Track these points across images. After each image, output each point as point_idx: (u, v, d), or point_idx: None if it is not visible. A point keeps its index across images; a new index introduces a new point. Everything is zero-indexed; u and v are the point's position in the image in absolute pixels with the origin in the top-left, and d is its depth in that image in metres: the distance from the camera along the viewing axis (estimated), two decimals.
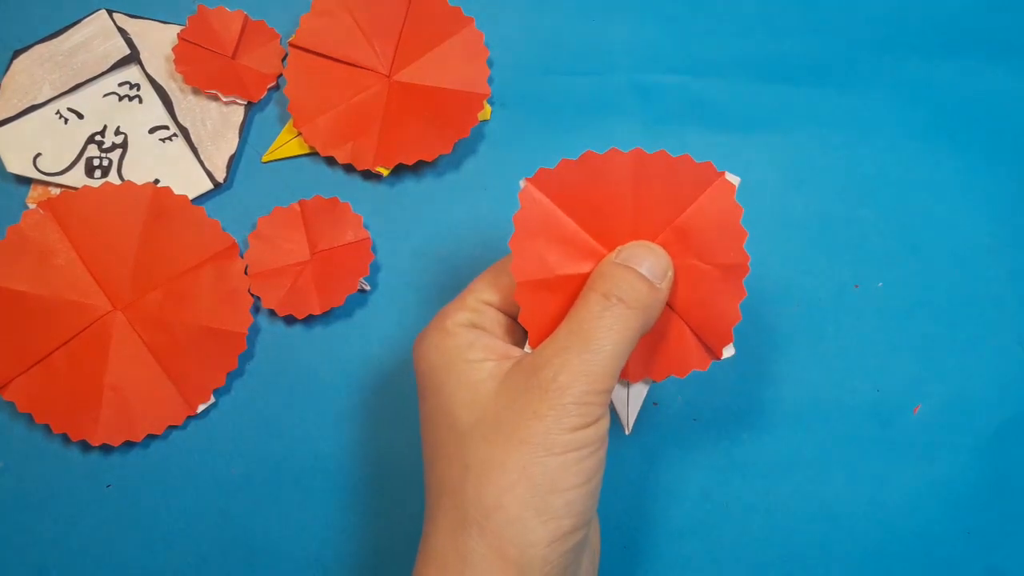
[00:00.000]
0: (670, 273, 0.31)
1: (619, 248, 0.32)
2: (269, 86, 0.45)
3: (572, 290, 0.31)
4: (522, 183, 0.32)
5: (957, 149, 0.45)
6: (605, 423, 0.30)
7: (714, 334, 0.32)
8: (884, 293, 0.43)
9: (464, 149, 0.45)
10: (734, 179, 0.31)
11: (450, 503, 0.29)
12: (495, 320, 0.33)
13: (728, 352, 0.32)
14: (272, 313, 0.42)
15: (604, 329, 0.29)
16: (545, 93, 0.45)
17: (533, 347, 0.31)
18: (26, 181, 0.44)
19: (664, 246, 0.32)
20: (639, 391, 0.34)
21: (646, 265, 0.31)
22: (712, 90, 0.45)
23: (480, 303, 0.32)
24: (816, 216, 0.44)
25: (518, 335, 0.33)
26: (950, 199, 0.44)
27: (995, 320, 0.42)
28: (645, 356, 0.33)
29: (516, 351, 0.31)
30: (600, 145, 0.44)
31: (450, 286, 0.43)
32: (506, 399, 0.29)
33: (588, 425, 0.29)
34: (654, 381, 0.33)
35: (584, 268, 0.32)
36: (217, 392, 0.41)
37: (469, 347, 0.31)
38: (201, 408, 0.41)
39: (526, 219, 0.31)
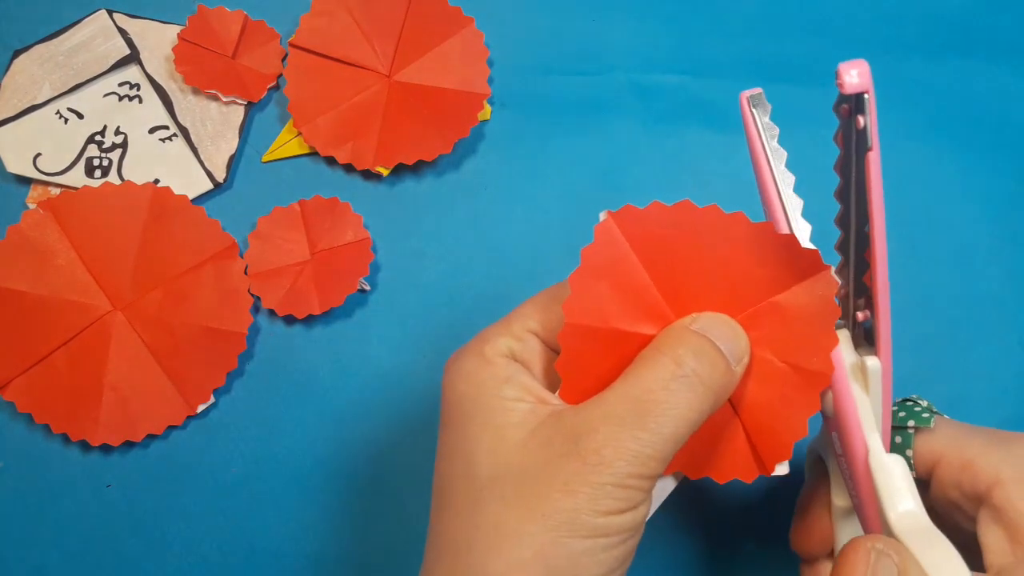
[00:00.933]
0: (745, 359, 0.27)
1: (694, 315, 0.27)
2: (269, 86, 0.45)
3: (624, 351, 0.27)
4: (603, 215, 0.27)
5: (957, 149, 0.45)
6: (645, 510, 0.26)
7: (770, 445, 0.28)
8: None
9: (464, 149, 0.45)
10: (837, 278, 0.27)
11: (451, 564, 0.25)
12: (537, 353, 0.29)
13: (781, 470, 0.28)
14: (272, 313, 0.42)
15: (670, 404, 0.25)
16: (545, 93, 0.45)
17: (563, 400, 0.28)
18: (26, 181, 0.44)
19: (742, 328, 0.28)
20: (666, 485, 0.29)
21: (724, 341, 0.26)
22: (712, 90, 0.45)
23: (525, 332, 0.29)
24: (816, 216, 0.44)
25: (556, 377, 0.29)
26: (950, 199, 0.44)
27: (995, 320, 0.42)
28: (687, 446, 0.28)
29: (555, 398, 0.27)
30: (600, 145, 0.45)
31: (450, 286, 0.43)
32: (535, 458, 0.25)
33: (625, 511, 0.25)
34: (687, 479, 0.29)
35: (645, 329, 0.27)
36: (217, 392, 0.41)
37: (506, 382, 0.27)
38: (201, 408, 0.41)
39: (595, 256, 0.27)
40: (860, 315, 0.27)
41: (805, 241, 0.27)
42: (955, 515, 0.29)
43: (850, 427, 0.28)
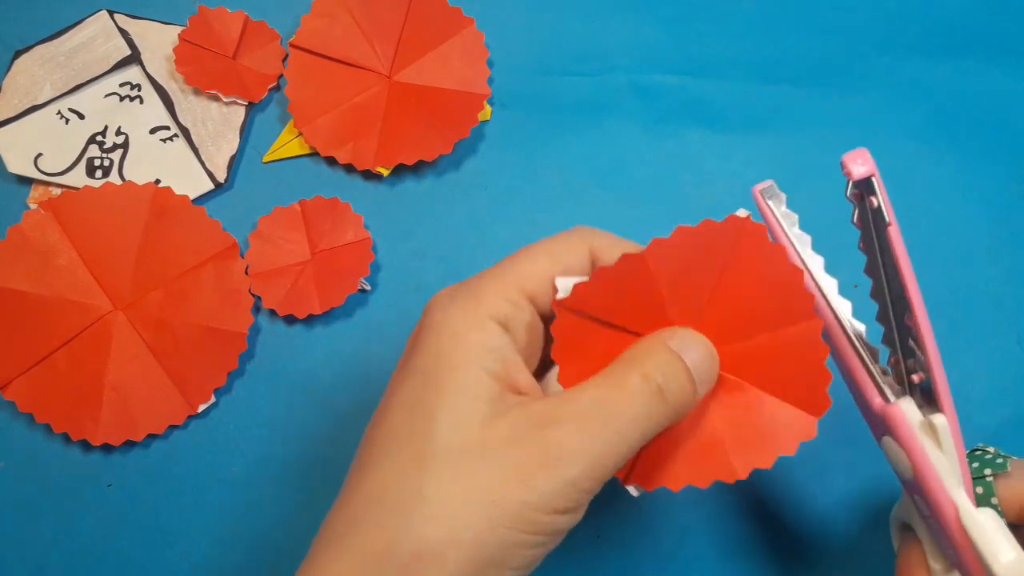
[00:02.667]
0: (711, 383, 0.28)
1: (673, 330, 0.28)
2: (270, 86, 0.45)
3: (617, 349, 0.28)
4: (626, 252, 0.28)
5: (957, 149, 0.45)
6: (581, 516, 0.26)
7: (751, 455, 0.28)
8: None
9: (464, 149, 0.45)
10: (824, 341, 0.28)
11: (380, 522, 0.25)
12: (524, 322, 0.28)
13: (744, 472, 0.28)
14: (272, 313, 0.42)
15: (632, 416, 0.25)
16: (545, 93, 0.45)
17: (561, 384, 0.28)
18: (27, 181, 0.44)
19: (716, 324, 0.28)
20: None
21: (696, 363, 0.27)
22: (712, 90, 0.45)
23: (522, 296, 0.28)
24: (816, 216, 0.44)
25: (537, 345, 0.29)
26: (950, 199, 0.44)
27: (995, 320, 0.42)
28: (648, 454, 0.28)
29: (524, 381, 0.27)
30: (600, 145, 0.45)
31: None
32: (498, 439, 0.25)
33: (568, 512, 0.25)
34: (645, 490, 0.29)
35: (639, 329, 0.28)
36: (218, 392, 0.42)
37: (491, 352, 0.26)
38: (202, 408, 0.41)
39: (624, 269, 0.27)
40: (916, 377, 0.28)
41: (816, 286, 0.29)
42: None
43: (934, 490, 0.28)
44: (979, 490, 0.29)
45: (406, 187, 0.44)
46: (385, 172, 0.44)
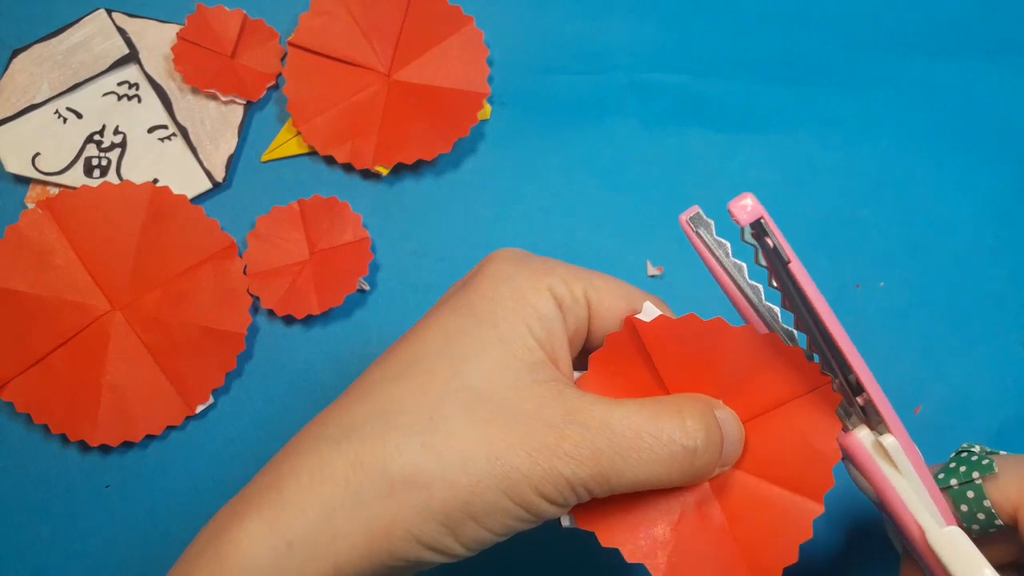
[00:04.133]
0: (729, 466, 0.28)
1: (721, 403, 0.28)
2: (268, 85, 0.45)
3: (644, 387, 0.28)
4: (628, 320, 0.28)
5: (958, 149, 0.45)
6: (563, 512, 0.26)
7: (763, 568, 0.27)
8: (885, 293, 0.43)
9: (464, 149, 0.45)
10: (837, 392, 0.28)
11: (378, 438, 0.25)
12: (576, 316, 0.28)
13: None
14: (271, 313, 0.42)
15: (655, 459, 0.25)
16: (545, 92, 0.45)
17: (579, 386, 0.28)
18: (25, 181, 0.44)
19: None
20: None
21: (729, 443, 0.27)
22: (712, 90, 0.45)
23: (584, 297, 0.28)
24: (817, 216, 0.44)
25: (575, 348, 0.29)
26: (951, 199, 0.44)
27: (996, 320, 0.42)
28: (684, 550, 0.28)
29: (563, 362, 0.27)
30: (600, 145, 0.45)
31: (449, 286, 0.43)
32: (522, 406, 0.25)
33: (554, 504, 0.25)
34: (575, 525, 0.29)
35: (670, 386, 0.29)
36: (216, 392, 0.41)
37: (540, 320, 0.26)
38: (200, 408, 0.41)
39: (678, 328, 0.28)
40: (860, 399, 0.28)
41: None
42: None
43: (899, 513, 0.28)
44: (970, 494, 0.29)
45: (405, 186, 0.44)
46: (384, 171, 0.43)
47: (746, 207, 0.25)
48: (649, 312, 0.29)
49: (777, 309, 0.28)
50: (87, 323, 0.41)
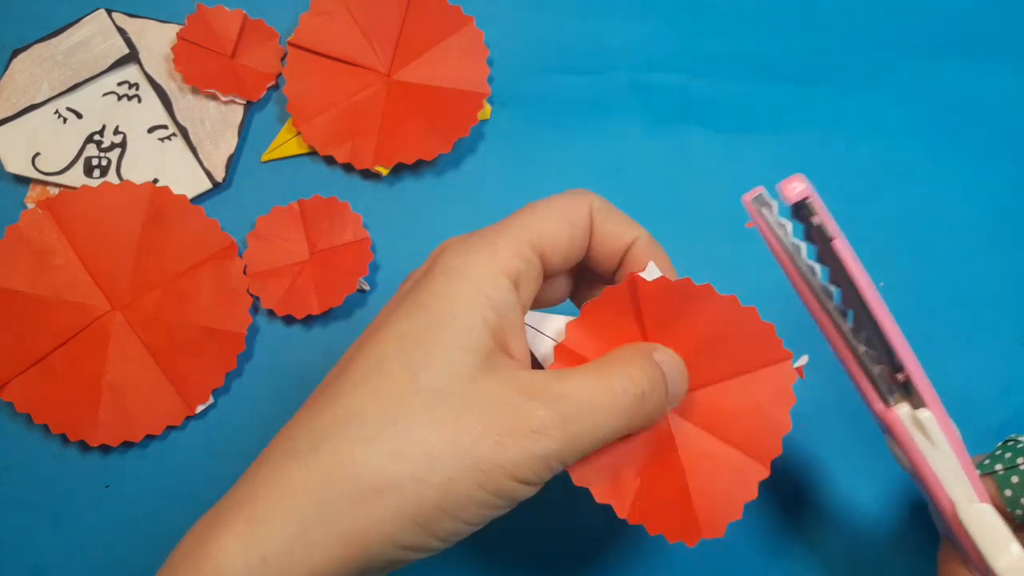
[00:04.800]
0: (677, 403, 0.29)
1: (656, 345, 0.29)
2: (268, 85, 0.45)
3: (632, 336, 0.30)
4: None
5: (958, 148, 0.45)
6: (536, 490, 0.27)
7: (707, 519, 0.29)
8: (885, 293, 0.43)
9: (464, 148, 0.45)
10: (796, 372, 0.29)
11: (345, 449, 0.25)
12: (532, 278, 0.29)
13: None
14: (271, 313, 0.42)
15: (613, 412, 0.27)
16: (545, 92, 0.45)
17: (568, 345, 0.30)
18: (25, 181, 0.44)
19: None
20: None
21: (673, 381, 0.29)
22: (712, 90, 0.45)
23: (535, 253, 0.29)
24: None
25: (533, 296, 0.30)
26: (951, 198, 0.44)
27: (995, 320, 0.42)
28: (639, 494, 0.30)
29: (516, 346, 0.28)
30: (600, 145, 0.45)
31: None
32: (482, 398, 0.26)
33: (529, 484, 0.26)
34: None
35: (632, 335, 0.30)
36: (216, 392, 0.41)
37: (495, 309, 0.27)
38: (200, 408, 0.41)
39: (608, 301, 0.29)
40: (900, 376, 0.29)
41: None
42: None
43: (933, 487, 0.29)
44: (1014, 479, 0.30)
45: (405, 186, 0.44)
46: (384, 171, 0.43)
47: (795, 188, 0.28)
48: (652, 272, 0.30)
49: (833, 289, 0.29)
50: (87, 323, 0.41)
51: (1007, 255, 0.43)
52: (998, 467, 0.30)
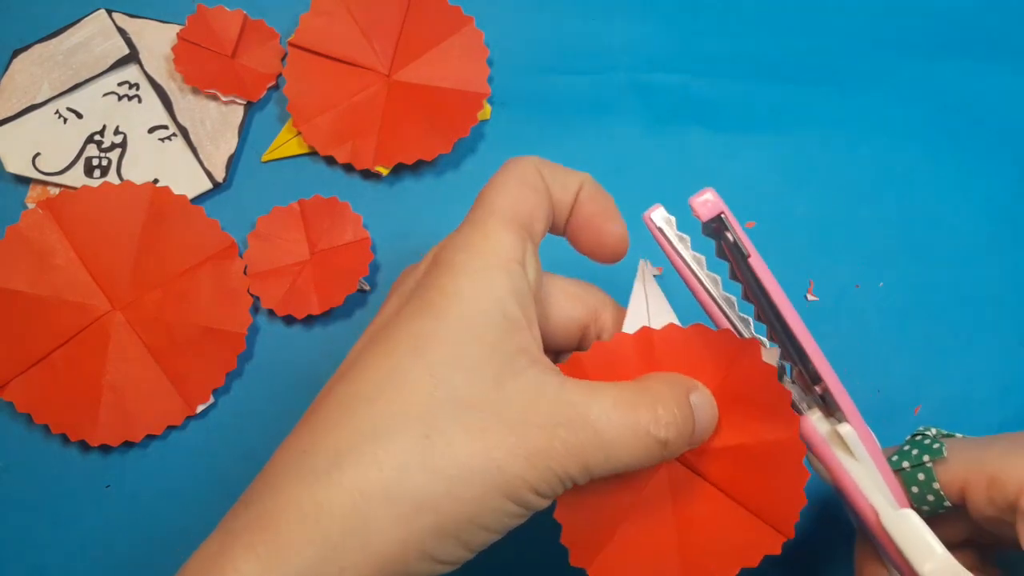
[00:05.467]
0: (696, 445, 0.29)
1: (698, 384, 0.29)
2: (268, 85, 0.45)
3: (632, 367, 0.29)
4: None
5: (958, 148, 0.45)
6: (545, 506, 0.27)
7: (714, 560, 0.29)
8: (885, 293, 0.43)
9: (464, 149, 0.45)
10: (774, 359, 0.29)
11: (375, 466, 0.24)
12: (532, 255, 0.28)
13: None
14: (271, 313, 0.42)
15: (631, 451, 0.26)
16: (545, 92, 0.45)
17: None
18: (25, 181, 0.44)
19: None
20: None
21: (703, 423, 0.28)
22: (712, 90, 0.45)
23: (527, 236, 0.28)
24: (816, 216, 0.44)
25: (537, 272, 0.29)
26: (951, 198, 0.44)
27: (995, 320, 0.42)
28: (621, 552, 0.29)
29: (534, 341, 0.27)
30: (600, 145, 0.45)
31: None
32: (511, 410, 0.25)
33: (544, 498, 0.26)
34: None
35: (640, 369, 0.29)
36: (216, 392, 0.41)
37: (511, 298, 0.26)
38: (200, 408, 0.41)
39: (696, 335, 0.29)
40: (818, 388, 0.29)
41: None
42: (1003, 530, 0.29)
43: (853, 496, 0.29)
44: (920, 476, 0.29)
45: (405, 186, 0.44)
46: (384, 171, 0.43)
47: (707, 203, 0.27)
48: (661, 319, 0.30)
49: (735, 299, 0.29)
50: (87, 323, 0.41)
51: (1007, 255, 0.43)
52: (905, 464, 0.30)
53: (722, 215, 0.27)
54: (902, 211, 0.44)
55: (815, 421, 0.29)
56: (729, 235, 0.27)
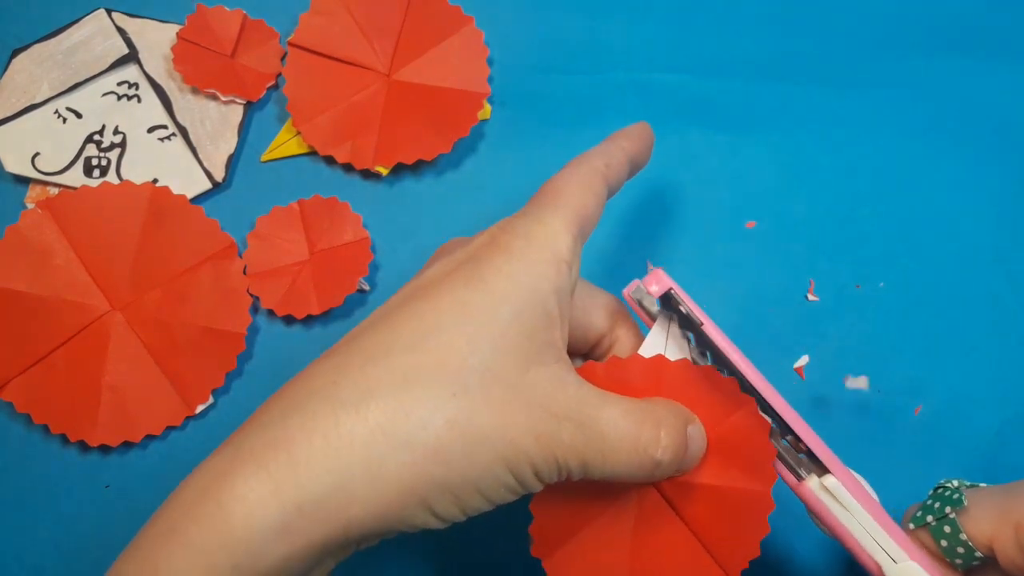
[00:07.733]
0: (681, 474, 0.30)
1: (694, 417, 0.30)
2: (268, 85, 0.45)
3: (640, 387, 0.30)
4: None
5: (958, 148, 0.45)
6: (542, 487, 0.28)
7: (730, 560, 0.30)
8: (885, 293, 0.43)
9: (464, 148, 0.45)
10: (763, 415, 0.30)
11: (403, 412, 0.25)
12: (578, 258, 0.30)
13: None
14: (271, 313, 0.42)
15: (625, 463, 0.28)
16: (545, 92, 0.45)
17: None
18: (24, 181, 0.44)
19: None
20: None
21: (693, 454, 0.29)
22: (712, 89, 0.45)
23: (580, 238, 0.29)
24: (816, 216, 0.44)
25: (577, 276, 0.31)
26: (951, 198, 0.44)
27: (996, 320, 0.42)
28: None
29: (563, 335, 0.29)
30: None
31: None
32: (534, 394, 0.26)
33: (543, 481, 0.27)
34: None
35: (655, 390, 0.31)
36: (216, 393, 0.41)
37: (556, 293, 0.28)
38: (200, 409, 0.41)
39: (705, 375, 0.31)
40: (802, 445, 0.30)
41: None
42: None
43: (853, 548, 0.30)
44: (947, 529, 0.29)
45: (405, 186, 0.44)
46: (384, 171, 0.43)
47: (654, 283, 0.30)
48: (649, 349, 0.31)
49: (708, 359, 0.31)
50: (87, 323, 0.41)
51: (1007, 255, 0.43)
52: (929, 518, 0.30)
53: (671, 291, 0.29)
54: (902, 211, 0.44)
55: (811, 484, 0.30)
56: (682, 308, 0.29)
